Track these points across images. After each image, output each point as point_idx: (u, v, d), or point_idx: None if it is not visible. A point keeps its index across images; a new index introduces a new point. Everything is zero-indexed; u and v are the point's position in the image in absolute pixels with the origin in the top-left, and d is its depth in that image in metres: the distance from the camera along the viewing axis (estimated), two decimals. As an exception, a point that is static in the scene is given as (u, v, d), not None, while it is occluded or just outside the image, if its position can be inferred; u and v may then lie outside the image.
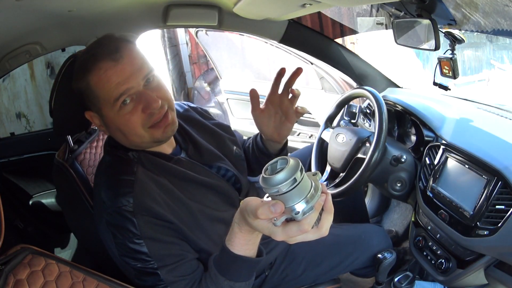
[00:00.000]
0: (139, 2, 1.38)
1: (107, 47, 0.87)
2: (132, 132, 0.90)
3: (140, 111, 0.88)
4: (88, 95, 0.89)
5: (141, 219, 0.84)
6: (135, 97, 0.88)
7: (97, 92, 0.87)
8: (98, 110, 0.91)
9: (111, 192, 0.88)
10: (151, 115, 0.89)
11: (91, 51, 0.88)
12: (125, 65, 0.86)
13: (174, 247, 0.88)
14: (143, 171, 0.91)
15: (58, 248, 1.91)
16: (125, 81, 0.86)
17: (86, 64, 0.87)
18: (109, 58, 0.86)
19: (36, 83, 2.11)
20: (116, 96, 0.86)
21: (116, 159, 0.94)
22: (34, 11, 1.09)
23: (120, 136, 0.93)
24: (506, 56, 5.44)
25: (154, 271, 0.85)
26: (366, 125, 1.62)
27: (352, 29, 4.56)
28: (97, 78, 0.86)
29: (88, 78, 0.87)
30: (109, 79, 0.85)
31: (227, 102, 3.11)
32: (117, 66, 0.86)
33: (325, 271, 1.22)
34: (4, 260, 0.71)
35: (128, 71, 0.86)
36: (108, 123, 0.92)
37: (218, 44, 3.16)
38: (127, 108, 0.88)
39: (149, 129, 0.90)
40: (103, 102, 0.88)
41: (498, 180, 1.00)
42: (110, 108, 0.88)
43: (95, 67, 0.86)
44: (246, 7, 1.34)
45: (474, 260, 1.07)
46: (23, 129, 2.11)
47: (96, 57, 0.86)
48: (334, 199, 1.32)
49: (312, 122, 2.59)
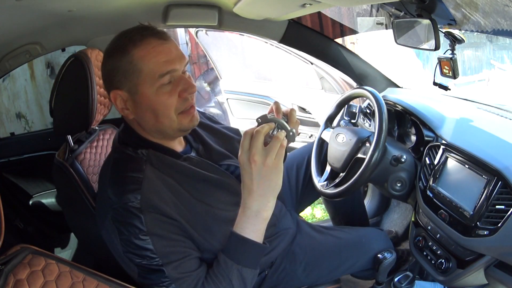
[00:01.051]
0: (139, 2, 1.38)
1: (154, 29, 0.89)
2: (166, 113, 0.90)
3: (177, 94, 0.89)
4: (126, 70, 0.88)
5: (148, 216, 0.85)
6: (173, 80, 0.89)
7: (141, 65, 0.87)
8: (133, 87, 0.89)
9: (119, 189, 0.88)
10: (185, 100, 0.91)
11: (134, 31, 0.89)
12: (172, 47, 0.89)
13: (179, 244, 0.88)
14: (151, 170, 0.91)
15: (58, 248, 1.91)
16: (173, 61, 0.88)
17: (131, 40, 0.87)
18: (159, 36, 0.88)
19: (36, 83, 2.11)
20: (162, 72, 0.87)
21: (124, 157, 0.94)
22: (34, 11, 1.09)
23: (149, 117, 0.92)
24: (506, 56, 5.45)
25: (159, 268, 0.85)
26: (366, 125, 1.62)
27: (352, 29, 4.56)
28: (145, 52, 0.87)
29: (132, 52, 0.87)
30: (158, 54, 0.87)
31: (227, 102, 3.11)
32: (165, 45, 0.88)
33: (325, 273, 1.22)
34: (4, 260, 0.71)
35: (175, 54, 0.89)
36: (141, 101, 0.90)
37: (218, 44, 3.15)
38: (166, 88, 0.89)
39: (179, 115, 0.91)
40: (145, 76, 0.87)
41: (498, 180, 1.00)
42: (150, 84, 0.88)
43: (143, 42, 0.87)
44: (246, 7, 1.34)
45: (474, 260, 1.07)
46: (22, 129, 2.11)
47: (144, 34, 0.87)
48: (334, 199, 1.34)
49: (312, 122, 2.59)
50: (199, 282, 0.87)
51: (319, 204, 2.62)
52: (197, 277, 0.88)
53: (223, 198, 0.98)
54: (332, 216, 1.77)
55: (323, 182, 1.37)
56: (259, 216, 0.88)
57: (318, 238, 1.25)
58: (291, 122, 0.91)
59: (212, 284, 0.88)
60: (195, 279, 0.87)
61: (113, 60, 0.90)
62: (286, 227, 1.19)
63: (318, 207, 2.64)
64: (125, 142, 0.97)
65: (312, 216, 2.58)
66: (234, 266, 0.88)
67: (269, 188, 0.85)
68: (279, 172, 0.85)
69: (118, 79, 0.90)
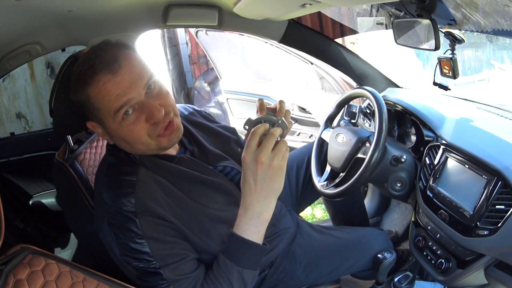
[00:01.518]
0: (139, 2, 1.38)
1: (104, 58, 0.84)
2: (138, 141, 0.89)
3: (143, 121, 0.87)
4: (88, 107, 0.88)
5: (143, 219, 0.85)
6: (137, 107, 0.86)
7: (97, 104, 0.86)
8: (100, 121, 0.90)
9: (113, 193, 0.88)
10: (156, 125, 0.88)
11: (88, 62, 0.85)
12: (124, 75, 0.84)
13: (175, 246, 0.88)
14: (145, 172, 0.91)
15: (58, 248, 1.91)
16: (125, 92, 0.84)
17: (84, 77, 0.85)
18: (107, 70, 0.83)
19: (36, 83, 2.11)
20: (116, 108, 0.84)
21: (118, 160, 0.94)
22: (34, 11, 1.09)
23: (125, 145, 0.92)
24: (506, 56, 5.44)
25: (156, 271, 0.85)
26: (366, 125, 1.62)
27: (352, 29, 4.56)
28: (96, 91, 0.84)
29: (87, 91, 0.85)
30: (108, 92, 0.83)
31: (227, 102, 3.11)
32: (116, 78, 0.83)
33: (325, 273, 1.22)
34: (4, 260, 0.71)
35: (128, 82, 0.84)
36: (112, 133, 0.91)
37: (218, 44, 3.16)
38: (129, 119, 0.86)
39: (157, 138, 0.90)
40: (104, 114, 0.87)
41: (498, 180, 1.00)
42: (112, 120, 0.86)
43: (93, 80, 0.84)
44: (246, 7, 1.34)
45: (474, 260, 1.07)
46: (22, 129, 2.11)
47: (94, 70, 0.84)
48: (334, 199, 1.34)
49: (312, 122, 2.60)
50: (197, 284, 0.87)
51: (319, 204, 2.62)
52: (195, 279, 0.87)
53: (217, 198, 0.98)
54: (332, 216, 1.77)
55: (323, 182, 1.37)
56: (260, 217, 0.87)
57: (318, 238, 1.25)
58: (279, 113, 0.91)
59: (211, 285, 0.87)
60: (193, 281, 0.87)
61: (75, 95, 0.89)
62: (286, 227, 1.19)
63: (318, 207, 2.64)
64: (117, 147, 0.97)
65: (312, 216, 2.58)
66: (235, 268, 0.88)
67: (272, 189, 0.85)
68: (283, 174, 0.85)
69: (86, 113, 0.91)
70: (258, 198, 0.85)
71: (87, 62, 0.86)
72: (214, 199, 0.97)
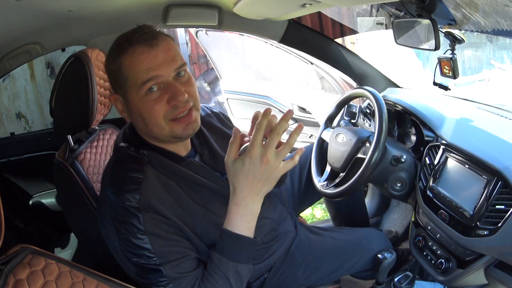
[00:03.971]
0: (139, 2, 1.38)
1: (145, 33, 0.88)
2: (153, 121, 0.89)
3: (165, 101, 0.87)
4: (117, 76, 0.89)
5: (146, 215, 0.85)
6: (162, 87, 0.87)
7: (126, 74, 0.87)
8: (124, 93, 0.90)
9: (118, 188, 0.88)
10: (175, 108, 0.88)
11: (128, 35, 0.88)
12: (159, 52, 0.87)
13: (177, 244, 0.89)
14: (152, 171, 0.91)
15: (58, 248, 1.91)
16: (156, 67, 0.86)
17: (121, 46, 0.88)
18: (145, 43, 0.86)
19: (36, 83, 2.11)
20: (144, 80, 0.86)
21: (126, 157, 0.94)
22: (34, 11, 1.09)
23: (141, 123, 0.92)
24: (506, 56, 5.44)
25: (156, 268, 0.85)
26: (366, 125, 1.62)
27: (352, 29, 4.56)
28: (129, 60, 0.86)
29: (121, 59, 0.87)
30: (141, 63, 0.86)
31: (227, 102, 3.11)
32: (151, 52, 0.86)
33: (325, 275, 1.22)
34: (4, 260, 0.71)
35: (161, 59, 0.87)
36: (131, 107, 0.91)
37: (218, 44, 3.15)
38: (152, 95, 0.87)
39: (170, 122, 0.89)
40: (130, 84, 0.88)
41: (498, 180, 1.00)
42: (135, 92, 0.87)
43: (129, 50, 0.86)
44: (246, 7, 1.34)
45: (474, 260, 1.07)
46: (22, 129, 2.11)
47: (132, 41, 0.87)
48: (334, 199, 1.34)
49: (312, 122, 2.59)
50: (196, 283, 0.87)
51: (319, 204, 2.62)
52: (194, 278, 0.88)
53: (221, 206, 0.97)
54: (332, 216, 1.77)
55: (323, 182, 1.37)
56: (252, 212, 0.88)
57: (317, 241, 1.25)
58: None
59: (208, 284, 0.87)
60: (192, 280, 0.87)
61: (108, 63, 0.91)
62: (286, 231, 1.19)
63: (318, 207, 2.64)
64: (129, 140, 0.97)
65: (312, 216, 2.59)
66: (231, 264, 0.88)
67: (266, 188, 0.86)
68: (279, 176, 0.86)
69: (113, 83, 0.92)
70: (251, 195, 0.86)
71: (127, 35, 0.89)
72: (217, 206, 0.96)
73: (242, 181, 0.85)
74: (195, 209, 0.93)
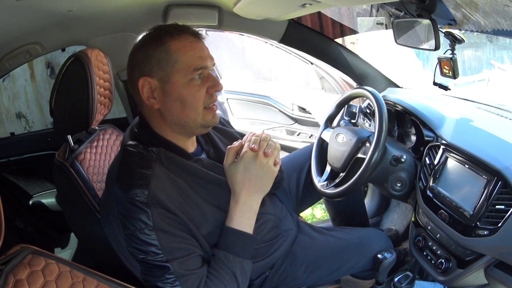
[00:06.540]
0: (139, 2, 1.38)
1: (190, 27, 0.94)
2: (194, 105, 0.93)
3: (205, 89, 0.93)
4: (161, 59, 0.90)
5: (154, 211, 0.85)
6: (203, 76, 0.93)
7: (176, 56, 0.90)
8: (166, 75, 0.90)
9: (126, 183, 0.87)
10: (211, 96, 0.95)
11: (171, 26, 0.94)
12: (204, 46, 0.95)
13: (184, 240, 0.89)
14: (160, 168, 0.91)
15: (58, 248, 1.91)
16: (206, 58, 0.93)
17: (169, 31, 0.91)
18: (194, 34, 0.93)
19: (36, 83, 2.11)
20: (198, 66, 0.91)
21: (135, 153, 0.94)
22: (34, 11, 1.10)
23: (177, 107, 0.93)
24: (506, 56, 5.45)
25: (164, 264, 0.85)
26: (366, 125, 1.62)
27: (352, 29, 4.56)
28: (181, 44, 0.90)
29: (170, 43, 0.90)
30: (194, 49, 0.91)
31: (227, 102, 3.11)
32: (199, 43, 0.93)
33: (326, 274, 1.22)
34: (4, 260, 0.71)
35: (207, 52, 0.94)
36: (172, 90, 0.91)
37: (218, 44, 3.16)
38: (197, 81, 0.92)
39: (204, 110, 0.95)
40: (180, 67, 0.90)
41: (498, 180, 1.00)
42: (183, 75, 0.90)
43: (181, 36, 0.91)
44: (246, 7, 1.34)
45: (474, 260, 1.07)
46: (23, 129, 2.11)
47: (181, 29, 0.92)
48: (334, 199, 1.34)
49: (312, 122, 2.60)
50: (202, 280, 0.88)
51: (319, 204, 2.61)
52: (201, 275, 0.88)
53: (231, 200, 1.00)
54: (332, 216, 1.77)
55: (323, 182, 1.37)
56: (251, 210, 0.97)
57: (319, 239, 1.25)
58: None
59: (215, 280, 0.89)
60: (199, 277, 0.88)
61: (147, 48, 0.92)
62: (287, 228, 1.19)
63: (318, 207, 2.64)
64: (137, 138, 0.97)
65: (312, 216, 2.58)
66: (237, 259, 0.92)
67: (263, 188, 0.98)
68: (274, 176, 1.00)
69: (151, 67, 0.91)
70: (250, 192, 0.96)
71: (166, 27, 0.94)
72: (227, 200, 0.98)
73: (240, 181, 0.95)
74: (203, 206, 0.94)
